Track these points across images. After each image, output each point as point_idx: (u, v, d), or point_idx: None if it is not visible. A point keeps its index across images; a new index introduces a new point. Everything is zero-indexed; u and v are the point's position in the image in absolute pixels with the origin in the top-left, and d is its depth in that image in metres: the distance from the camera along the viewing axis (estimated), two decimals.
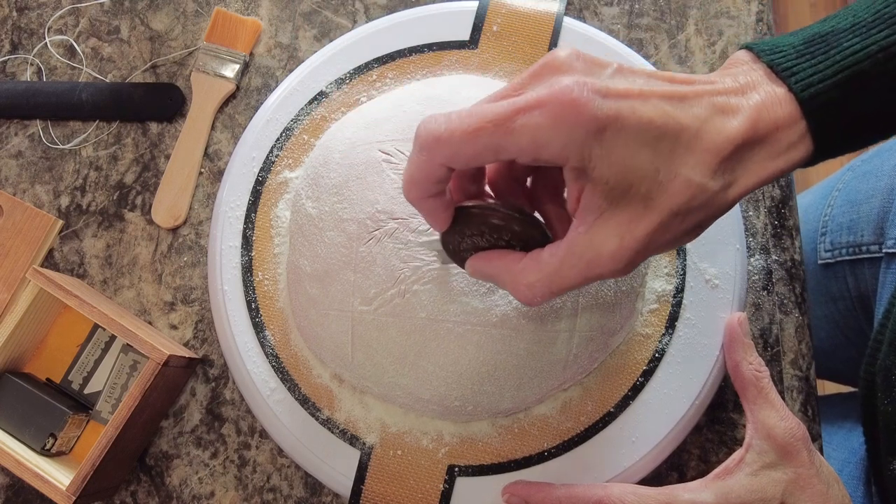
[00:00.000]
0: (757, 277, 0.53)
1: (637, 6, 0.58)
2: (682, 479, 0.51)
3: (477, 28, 0.54)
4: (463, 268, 0.39)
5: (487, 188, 0.39)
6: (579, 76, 0.32)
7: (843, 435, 0.66)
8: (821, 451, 0.51)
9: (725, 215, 0.50)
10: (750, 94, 0.35)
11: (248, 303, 0.51)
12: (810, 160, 0.36)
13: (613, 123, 0.31)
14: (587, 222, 0.33)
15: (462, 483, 0.47)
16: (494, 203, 0.37)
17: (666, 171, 0.33)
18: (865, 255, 0.62)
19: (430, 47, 0.54)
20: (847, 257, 0.64)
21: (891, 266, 0.59)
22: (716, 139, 0.33)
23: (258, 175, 0.53)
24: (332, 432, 0.48)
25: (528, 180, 0.40)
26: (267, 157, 0.53)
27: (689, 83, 0.34)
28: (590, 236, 0.33)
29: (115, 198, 0.57)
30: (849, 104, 0.35)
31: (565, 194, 0.39)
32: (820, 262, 0.67)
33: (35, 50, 0.60)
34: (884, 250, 0.60)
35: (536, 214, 0.39)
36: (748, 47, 0.38)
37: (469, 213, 0.36)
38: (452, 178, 0.37)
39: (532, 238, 0.36)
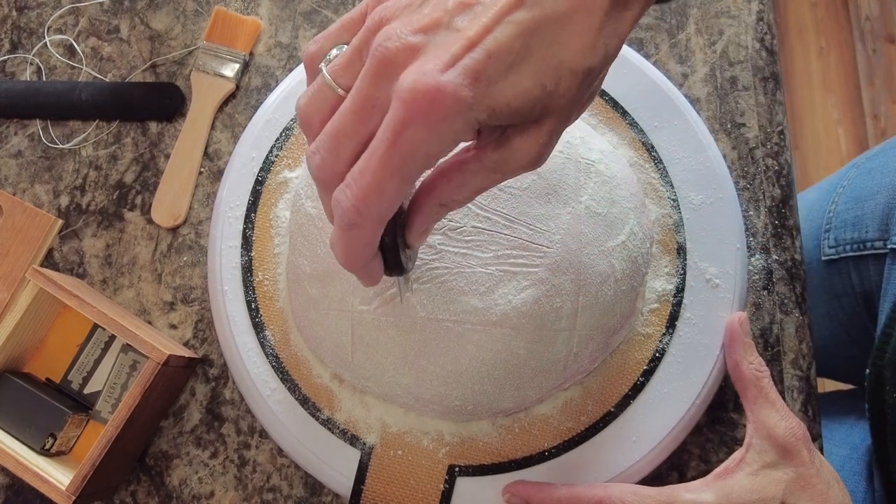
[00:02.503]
0: (757, 277, 0.53)
1: None
2: (683, 478, 0.51)
3: None
4: (416, 251, 0.38)
5: None
6: (420, 62, 0.30)
7: (844, 431, 0.66)
8: (821, 449, 0.51)
9: (726, 215, 0.51)
10: None
11: (248, 303, 0.50)
12: None
13: (478, 83, 0.29)
14: (492, 141, 0.32)
15: (462, 483, 0.47)
16: None
17: (550, 79, 0.31)
18: (870, 252, 0.62)
19: None
20: (851, 253, 0.64)
21: None
22: (576, 18, 0.30)
23: (258, 175, 0.53)
24: (333, 432, 0.48)
25: None
26: (267, 156, 0.53)
27: None
28: (497, 152, 0.32)
29: (114, 197, 0.57)
30: None
31: None
32: (823, 258, 0.67)
33: (35, 49, 0.60)
34: (889, 246, 0.60)
35: None
36: None
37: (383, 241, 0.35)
38: None
39: None
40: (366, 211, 0.31)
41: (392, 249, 0.35)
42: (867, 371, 0.56)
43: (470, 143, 0.33)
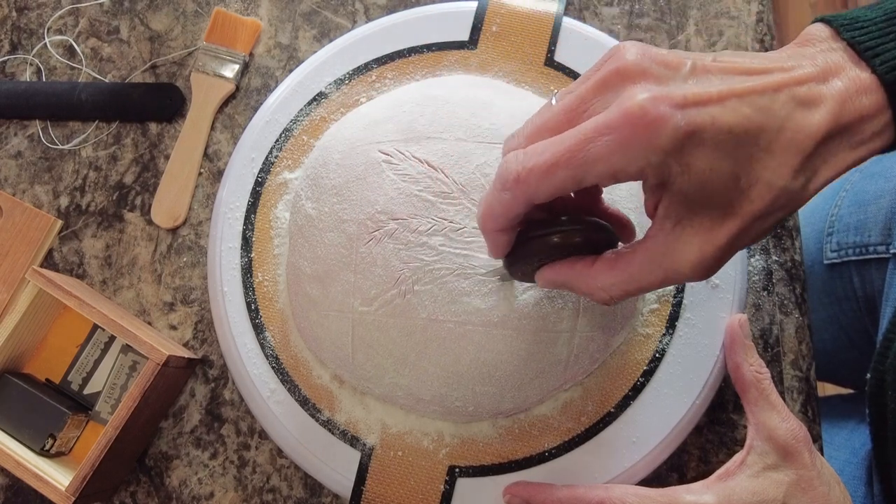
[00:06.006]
0: (757, 278, 0.53)
1: (637, 6, 0.58)
2: (683, 479, 0.51)
3: (476, 28, 0.54)
4: (532, 282, 0.39)
5: None
6: (653, 86, 0.31)
7: (844, 435, 0.66)
8: (821, 451, 0.51)
9: None
10: (832, 82, 0.32)
11: (248, 304, 0.50)
12: (889, 148, 0.34)
13: (693, 138, 0.30)
14: (665, 229, 0.33)
15: (463, 484, 0.47)
16: (553, 220, 0.37)
17: (747, 178, 0.31)
18: (872, 256, 0.62)
19: (430, 48, 0.54)
20: (853, 257, 0.64)
21: None
22: (797, 137, 0.31)
23: (258, 176, 0.53)
24: (333, 433, 0.48)
25: None
26: (266, 157, 0.53)
27: (765, 72, 0.32)
28: (668, 244, 0.33)
29: (114, 198, 0.57)
30: None
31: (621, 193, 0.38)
32: (826, 262, 0.67)
33: (35, 50, 0.60)
34: (891, 251, 0.60)
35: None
36: (825, 21, 0.35)
37: (529, 240, 0.36)
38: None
39: (598, 241, 0.36)
40: (525, 182, 0.32)
41: (522, 256, 0.37)
42: (868, 375, 0.56)
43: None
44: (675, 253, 0.32)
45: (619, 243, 0.37)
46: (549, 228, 0.36)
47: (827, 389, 1.06)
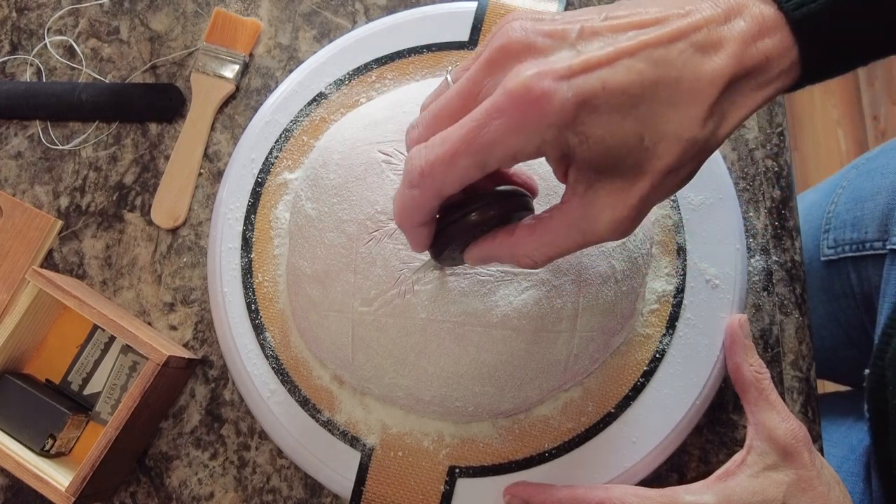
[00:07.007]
0: (757, 278, 0.53)
1: None
2: (683, 480, 0.51)
3: (476, 29, 0.54)
4: (462, 264, 0.39)
5: None
6: (539, 59, 0.30)
7: (842, 432, 0.66)
8: (821, 450, 0.51)
9: (725, 216, 0.51)
10: (734, 22, 0.31)
11: (248, 304, 0.50)
12: (796, 86, 0.34)
13: (584, 107, 0.29)
14: (578, 193, 0.32)
15: (463, 484, 0.47)
16: (466, 199, 0.37)
17: (651, 135, 0.30)
18: (869, 252, 0.62)
19: (430, 48, 0.54)
20: (850, 254, 0.64)
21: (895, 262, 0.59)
22: (698, 86, 0.30)
23: (258, 176, 0.53)
24: (333, 434, 0.48)
25: None
26: (266, 158, 0.53)
27: (659, 23, 0.31)
28: (582, 208, 0.32)
29: (114, 198, 0.57)
30: (842, 27, 0.32)
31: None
32: (823, 258, 0.67)
33: (35, 50, 0.60)
34: (888, 247, 0.60)
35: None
36: None
37: (448, 225, 0.36)
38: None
39: (513, 208, 0.36)
40: (429, 176, 0.31)
41: (446, 243, 0.36)
42: (867, 372, 0.57)
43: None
44: (591, 216, 0.32)
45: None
46: (464, 209, 0.36)
47: (826, 387, 1.06)
